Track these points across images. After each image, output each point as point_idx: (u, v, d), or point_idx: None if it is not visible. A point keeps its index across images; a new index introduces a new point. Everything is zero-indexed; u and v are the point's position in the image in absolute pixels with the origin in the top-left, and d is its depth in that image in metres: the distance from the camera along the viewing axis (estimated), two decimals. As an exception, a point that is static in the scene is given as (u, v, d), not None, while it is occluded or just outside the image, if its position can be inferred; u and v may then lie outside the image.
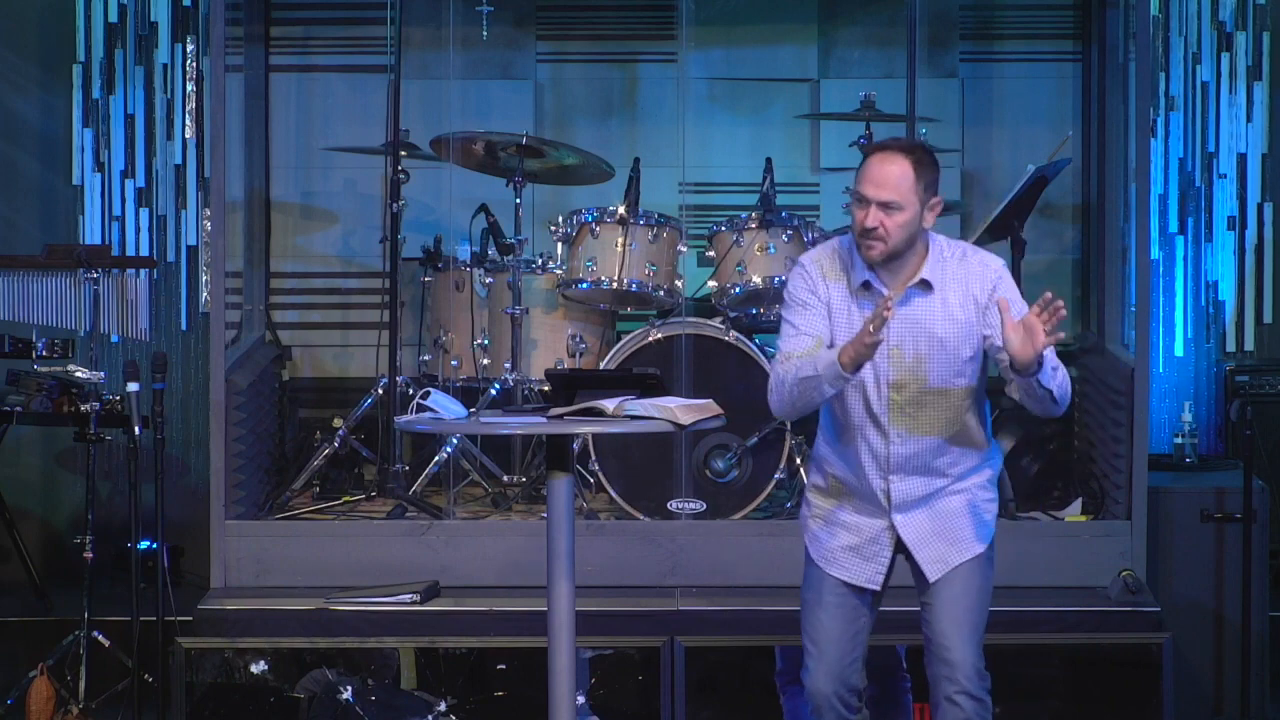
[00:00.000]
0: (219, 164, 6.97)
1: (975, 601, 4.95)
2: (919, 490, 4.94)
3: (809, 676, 5.04)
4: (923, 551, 4.95)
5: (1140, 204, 7.46)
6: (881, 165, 4.84)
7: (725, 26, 8.23)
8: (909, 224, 4.84)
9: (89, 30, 8.27)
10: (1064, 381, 4.82)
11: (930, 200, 4.87)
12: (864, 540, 4.99)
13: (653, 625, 6.57)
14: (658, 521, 7.02)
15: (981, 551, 4.97)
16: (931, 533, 4.95)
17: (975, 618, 4.95)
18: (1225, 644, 6.93)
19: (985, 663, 4.96)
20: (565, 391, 5.08)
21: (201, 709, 6.48)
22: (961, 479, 4.97)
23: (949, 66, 8.32)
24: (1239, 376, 8.04)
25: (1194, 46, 8.25)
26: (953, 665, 4.90)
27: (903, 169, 4.83)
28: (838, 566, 5.01)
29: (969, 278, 4.91)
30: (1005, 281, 4.93)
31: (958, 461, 4.96)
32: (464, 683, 6.52)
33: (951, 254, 4.94)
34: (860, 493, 4.98)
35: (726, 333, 7.22)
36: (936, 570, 4.94)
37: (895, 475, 4.93)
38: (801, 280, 4.96)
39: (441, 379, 7.57)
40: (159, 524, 6.63)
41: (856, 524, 4.99)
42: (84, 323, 6.96)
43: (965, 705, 4.90)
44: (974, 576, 4.96)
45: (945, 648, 4.91)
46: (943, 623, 4.93)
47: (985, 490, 5.02)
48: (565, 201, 7.99)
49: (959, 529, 4.96)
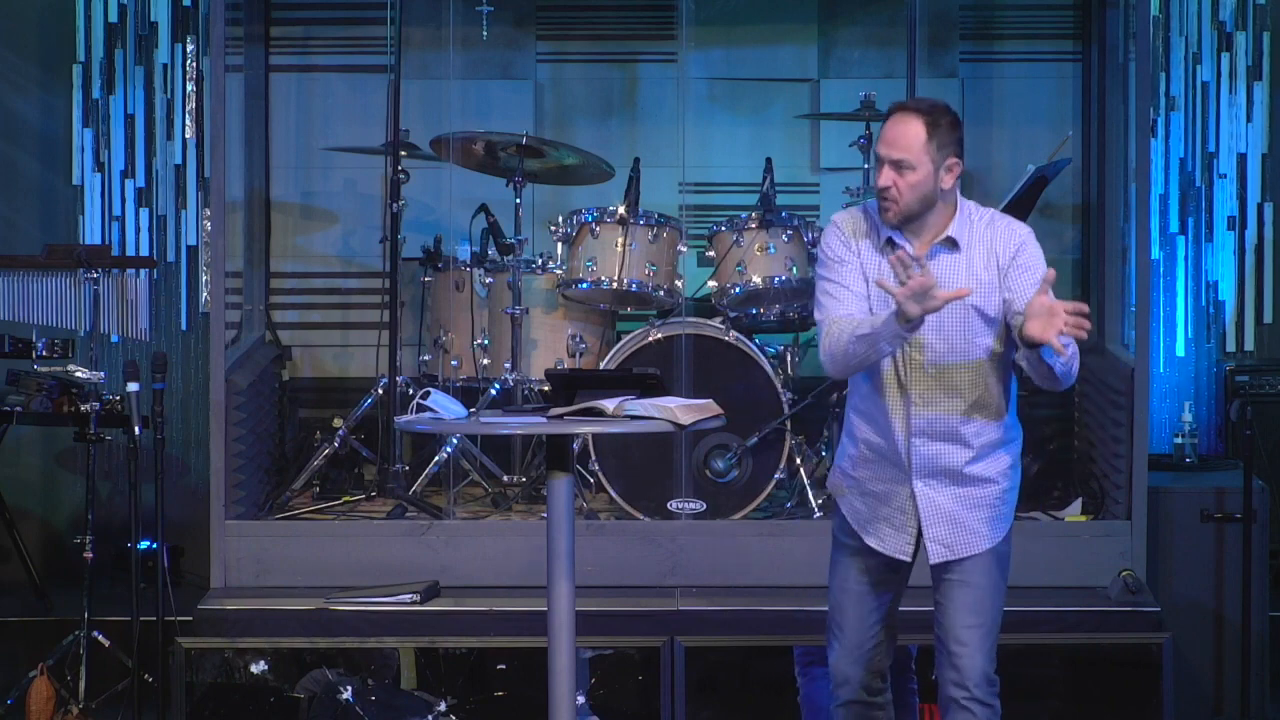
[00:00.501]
0: (219, 164, 6.97)
1: (988, 605, 4.94)
2: (941, 458, 4.91)
3: (834, 658, 5.07)
4: (932, 530, 4.94)
5: (1140, 204, 7.46)
6: (895, 124, 4.85)
7: (725, 26, 8.23)
8: (921, 184, 4.83)
9: (89, 30, 8.27)
10: (1071, 361, 4.76)
11: (946, 160, 4.85)
12: (893, 509, 4.98)
13: (653, 625, 6.57)
14: (658, 521, 7.02)
15: (989, 548, 4.95)
16: (946, 515, 4.93)
17: (987, 621, 4.93)
18: (1225, 644, 6.93)
19: (996, 666, 4.95)
20: (565, 391, 5.08)
21: (201, 709, 6.48)
22: (984, 457, 4.93)
23: (949, 66, 8.32)
24: (1239, 376, 8.04)
25: (1194, 46, 8.26)
26: (962, 672, 4.89)
27: (915, 128, 4.82)
28: (874, 536, 5.00)
29: (995, 239, 4.90)
30: (1029, 247, 4.90)
31: (981, 432, 4.92)
32: (464, 683, 6.52)
33: (979, 217, 4.94)
34: (887, 455, 4.96)
35: (726, 333, 7.22)
36: (939, 554, 4.93)
37: (918, 438, 4.91)
38: (835, 238, 4.96)
39: (441, 379, 7.57)
40: (159, 524, 6.63)
41: (885, 493, 4.98)
42: (84, 323, 6.96)
43: (976, 711, 4.90)
44: (987, 577, 4.94)
45: (955, 654, 4.90)
46: (955, 628, 4.92)
47: (1007, 479, 4.99)
48: (565, 201, 7.99)
49: (973, 521, 4.93)
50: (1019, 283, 4.83)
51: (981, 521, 4.94)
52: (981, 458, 4.94)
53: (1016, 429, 5.04)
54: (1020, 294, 4.81)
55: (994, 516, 4.96)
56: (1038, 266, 4.85)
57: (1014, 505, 5.04)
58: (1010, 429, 5.01)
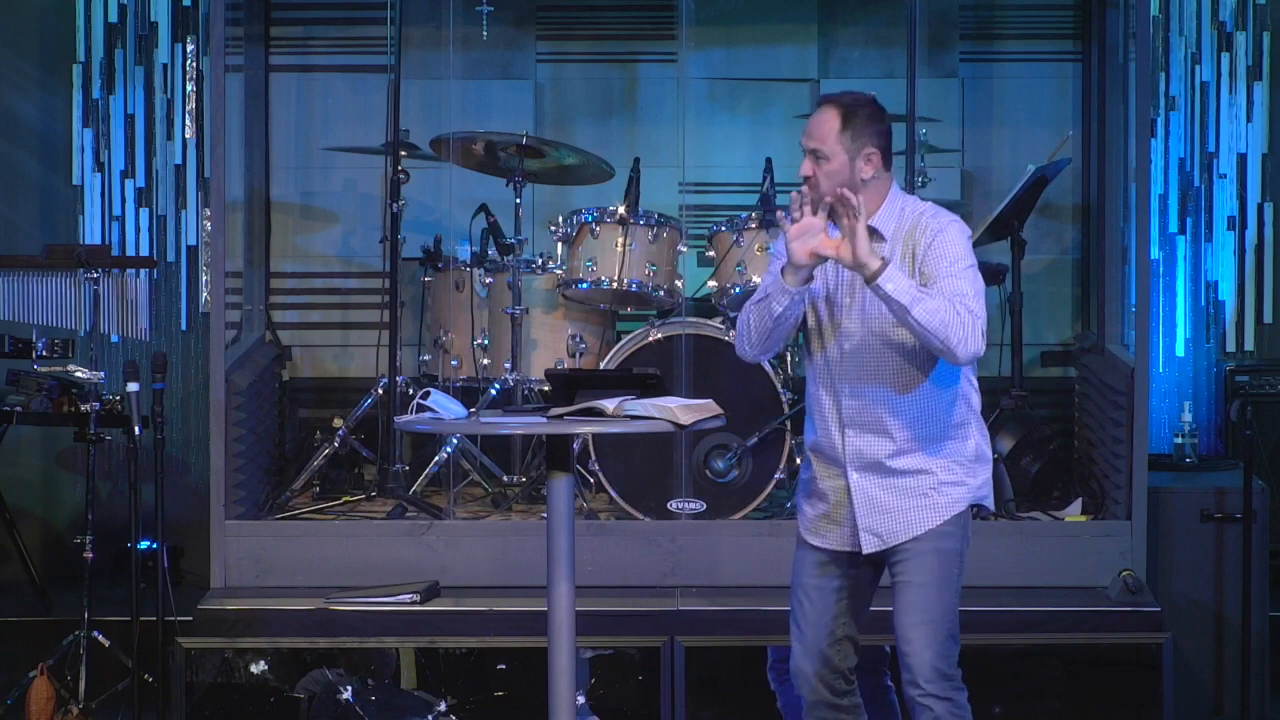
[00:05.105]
0: (219, 164, 6.97)
1: (933, 600, 4.93)
2: (871, 449, 4.95)
3: (793, 657, 5.11)
4: (864, 519, 4.97)
5: (1140, 204, 7.46)
6: (815, 116, 4.97)
7: (725, 26, 8.23)
8: (836, 174, 4.89)
9: (89, 30, 8.27)
10: (938, 313, 4.75)
11: (864, 150, 4.91)
12: (832, 504, 5.02)
13: (653, 625, 6.57)
14: (658, 521, 7.02)
15: (933, 529, 4.94)
16: (877, 505, 4.95)
17: (935, 617, 4.92)
18: (1225, 644, 6.93)
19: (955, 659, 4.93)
20: (565, 391, 5.08)
21: (201, 709, 6.48)
22: (911, 451, 4.94)
23: (949, 66, 8.32)
24: (1239, 376, 8.04)
25: (1194, 46, 8.26)
26: (911, 669, 4.91)
27: (830, 120, 4.92)
28: (817, 535, 5.06)
29: (916, 229, 4.94)
30: (947, 233, 4.90)
31: (911, 425, 4.93)
32: (464, 683, 6.53)
33: (911, 210, 4.98)
34: (827, 451, 5.02)
35: (726, 333, 7.22)
36: (871, 543, 4.95)
37: (850, 429, 4.96)
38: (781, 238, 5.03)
39: (441, 379, 7.58)
40: (159, 524, 6.63)
41: (826, 490, 5.03)
42: (84, 323, 6.96)
43: (933, 706, 4.90)
44: (930, 574, 4.93)
45: (904, 651, 4.93)
46: (902, 627, 4.94)
47: (949, 473, 4.97)
48: (565, 201, 8.00)
49: (903, 509, 4.94)
50: (933, 268, 4.87)
51: (911, 510, 4.95)
52: (908, 451, 4.95)
53: (966, 428, 5.02)
54: (932, 277, 4.85)
55: (927, 505, 4.95)
56: (951, 252, 4.87)
57: (960, 500, 4.99)
58: (953, 426, 4.98)
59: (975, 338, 4.80)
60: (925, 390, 4.95)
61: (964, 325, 4.78)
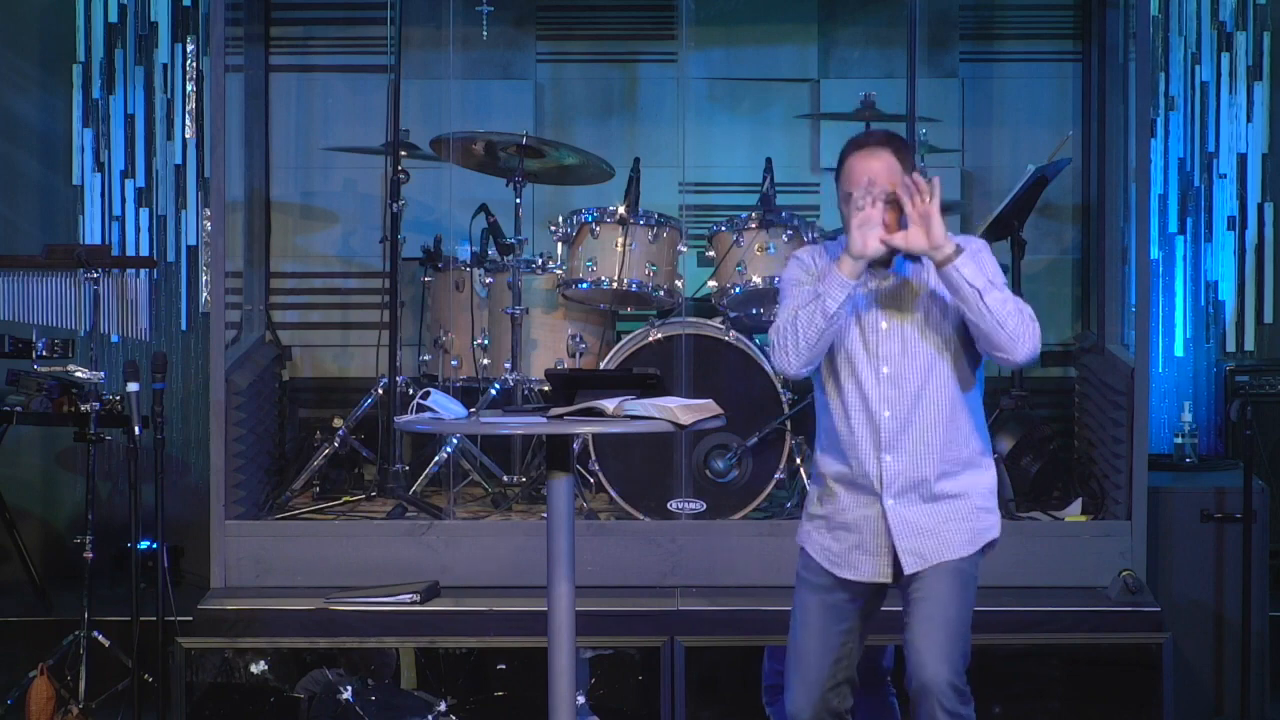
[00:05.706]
0: (219, 164, 6.97)
1: (953, 617, 4.93)
2: (911, 472, 4.94)
3: (789, 696, 5.07)
4: (903, 541, 4.96)
5: (1140, 204, 7.46)
6: (867, 162, 4.95)
7: (725, 26, 8.23)
8: None
9: (89, 30, 8.27)
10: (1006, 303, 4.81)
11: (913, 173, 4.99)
12: (865, 534, 5.00)
13: (653, 625, 6.57)
14: (658, 521, 7.02)
15: (964, 556, 4.96)
16: (917, 528, 4.95)
17: (951, 633, 4.92)
18: (1225, 644, 6.93)
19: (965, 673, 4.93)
20: (565, 391, 5.08)
21: (201, 709, 6.48)
22: (954, 474, 4.97)
23: (949, 66, 8.32)
24: (1239, 376, 8.04)
25: (1194, 46, 8.26)
26: (926, 685, 4.89)
27: (890, 162, 4.95)
28: (849, 568, 5.01)
29: None
30: (983, 255, 4.96)
31: (950, 445, 4.96)
32: (464, 683, 6.52)
33: None
34: (857, 480, 4.98)
35: (726, 333, 7.22)
36: (913, 563, 4.94)
37: (888, 454, 4.95)
38: (796, 266, 5.06)
39: (441, 379, 7.58)
40: (159, 524, 6.63)
41: (856, 520, 5.00)
42: (84, 323, 6.96)
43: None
44: (948, 588, 4.94)
45: (919, 665, 4.91)
46: (915, 640, 4.93)
47: (982, 499, 5.03)
48: (565, 201, 8.00)
49: (946, 531, 4.96)
50: None
51: (951, 531, 4.97)
52: (951, 474, 4.97)
53: (988, 453, 5.08)
54: None
55: (966, 529, 4.98)
56: (990, 268, 4.92)
57: (991, 529, 5.04)
58: (981, 452, 5.04)
59: (1035, 336, 4.86)
60: (963, 414, 4.99)
61: (1025, 322, 4.84)
